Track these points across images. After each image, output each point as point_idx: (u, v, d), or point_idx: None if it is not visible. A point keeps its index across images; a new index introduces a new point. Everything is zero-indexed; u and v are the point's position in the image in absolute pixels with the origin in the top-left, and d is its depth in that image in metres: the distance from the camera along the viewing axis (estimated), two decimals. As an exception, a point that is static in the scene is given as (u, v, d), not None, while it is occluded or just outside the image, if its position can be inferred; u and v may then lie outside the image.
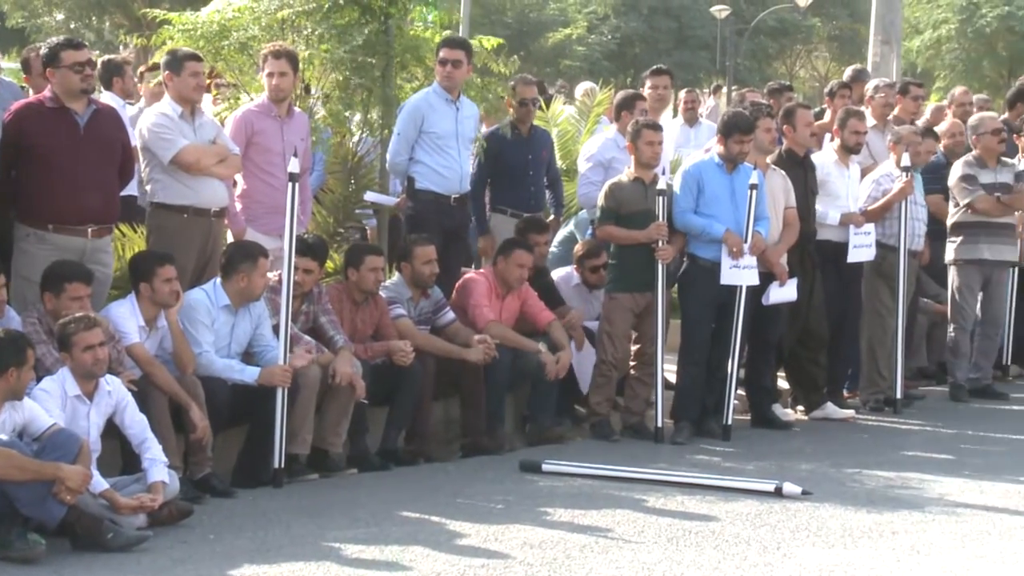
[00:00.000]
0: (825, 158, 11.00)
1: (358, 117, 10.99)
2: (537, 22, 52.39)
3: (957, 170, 11.57)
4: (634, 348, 10.05)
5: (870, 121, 11.63)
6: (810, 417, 10.72)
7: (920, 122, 12.74)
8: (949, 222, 11.65)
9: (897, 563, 7.08)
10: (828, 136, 11.65)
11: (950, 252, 11.64)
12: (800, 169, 10.61)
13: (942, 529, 7.69)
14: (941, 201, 11.78)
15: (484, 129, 11.07)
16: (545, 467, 8.79)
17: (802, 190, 10.49)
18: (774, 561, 7.06)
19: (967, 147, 12.30)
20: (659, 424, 9.85)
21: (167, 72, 8.89)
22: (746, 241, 9.80)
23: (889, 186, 10.98)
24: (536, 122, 11.45)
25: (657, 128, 10.08)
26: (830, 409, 10.71)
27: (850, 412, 10.82)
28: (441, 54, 10.11)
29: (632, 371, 10.07)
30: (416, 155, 10.12)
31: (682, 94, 14.74)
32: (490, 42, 11.12)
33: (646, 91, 11.46)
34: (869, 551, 7.28)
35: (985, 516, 7.98)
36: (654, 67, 11.94)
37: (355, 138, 11.09)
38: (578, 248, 10.72)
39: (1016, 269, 11.98)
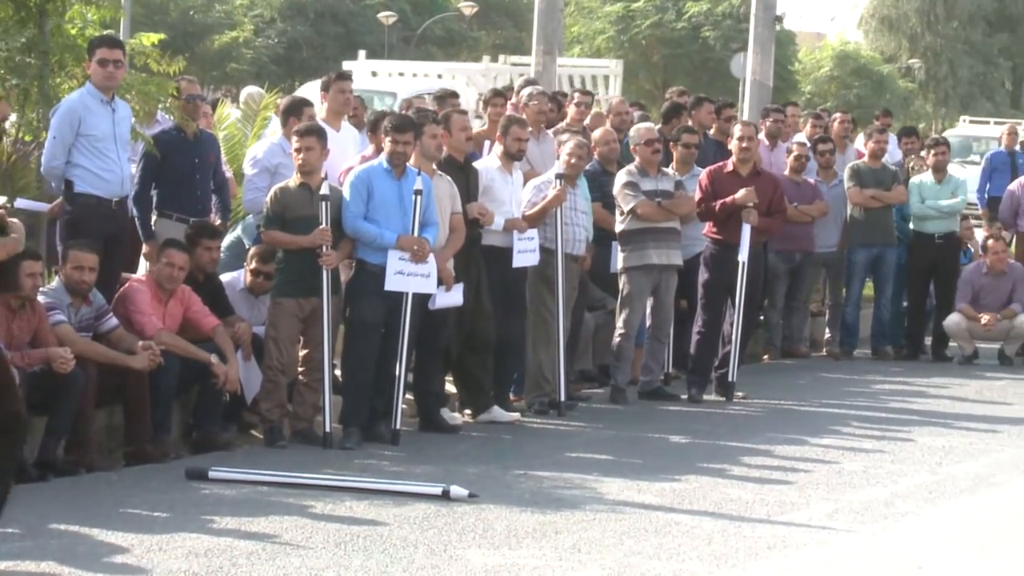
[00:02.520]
0: (489, 164, 11.18)
1: (14, 117, 10.61)
2: (202, 24, 51.58)
3: (621, 178, 11.92)
4: (302, 353, 10.01)
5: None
6: (477, 420, 10.86)
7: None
8: (617, 230, 11.97)
9: (560, 562, 7.25)
10: (488, 143, 11.86)
11: (620, 260, 11.96)
12: (461, 174, 10.76)
13: (603, 527, 7.91)
14: (600, 208, 12.10)
15: (146, 130, 10.83)
16: (212, 474, 8.66)
17: (464, 195, 10.63)
18: (441, 563, 7.14)
19: (621, 154, 12.70)
20: (327, 429, 9.83)
21: None
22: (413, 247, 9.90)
23: (548, 192, 11.23)
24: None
25: (310, 134, 10.00)
26: (496, 412, 10.88)
27: (516, 415, 11.01)
28: (100, 54, 9.80)
29: (300, 377, 10.02)
30: (74, 158, 9.80)
31: (349, 100, 14.74)
32: (150, 38, 10.88)
33: (331, 95, 11.36)
34: (533, 551, 7.43)
35: (643, 514, 8.24)
36: (339, 71, 11.87)
37: (11, 139, 10.69)
38: (253, 252, 10.59)
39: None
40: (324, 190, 9.81)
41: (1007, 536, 7.99)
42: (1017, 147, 19.28)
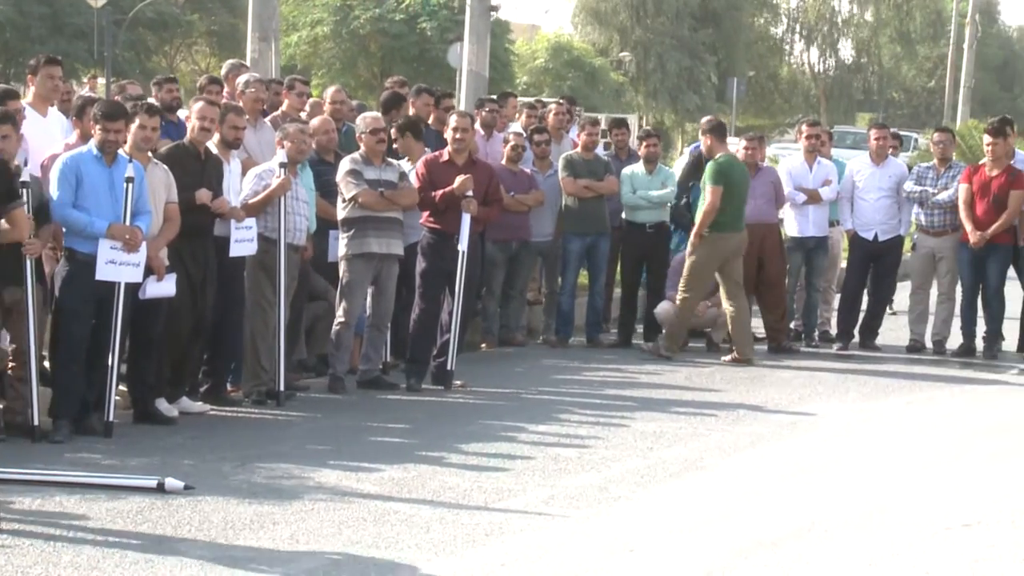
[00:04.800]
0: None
1: None
2: None
3: (345, 166, 11.90)
4: (12, 346, 9.69)
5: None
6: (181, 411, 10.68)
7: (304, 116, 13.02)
8: (339, 217, 11.94)
9: (277, 553, 7.20)
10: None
11: (341, 247, 11.93)
12: (197, 163, 10.60)
13: (321, 518, 7.89)
14: (319, 198, 12.04)
15: None
16: (-88, 472, 8.34)
17: (198, 182, 10.49)
18: (155, 557, 7.02)
19: (340, 144, 12.65)
20: (36, 422, 9.54)
21: None
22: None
23: (269, 181, 11.14)
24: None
25: (4, 121, 9.68)
26: (184, 403, 10.71)
27: (207, 407, 10.86)
28: None
29: (10, 370, 9.69)
30: None
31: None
32: None
33: (39, 80, 11.00)
34: (250, 542, 7.37)
35: (361, 503, 8.24)
36: (49, 55, 11.53)
37: None
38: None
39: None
40: (24, 177, 9.51)
41: (714, 517, 8.26)
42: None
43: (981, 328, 14.87)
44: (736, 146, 15.13)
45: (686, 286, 14.06)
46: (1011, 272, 14.79)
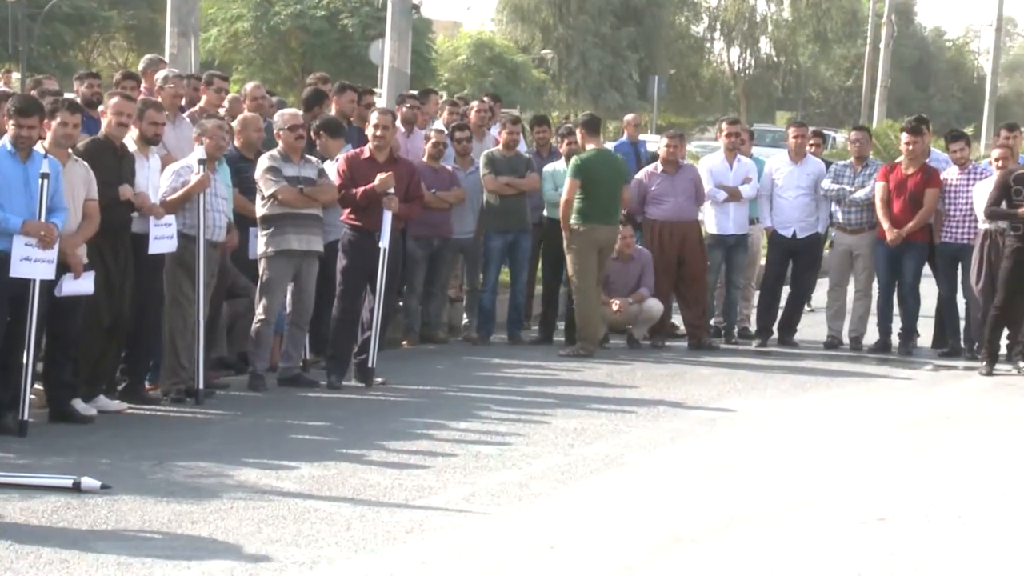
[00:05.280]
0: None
1: None
2: None
3: (263, 163, 11.85)
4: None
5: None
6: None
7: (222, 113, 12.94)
8: (258, 215, 11.88)
9: (195, 551, 7.16)
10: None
11: (261, 244, 11.87)
12: (115, 158, 10.51)
13: (240, 516, 7.84)
14: (238, 195, 11.98)
15: None
16: None
17: (116, 178, 10.39)
18: (71, 558, 6.95)
19: (265, 141, 12.59)
20: (-52, 422, 9.43)
21: None
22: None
23: (188, 177, 11.07)
24: None
25: None
26: (102, 401, 10.61)
27: (124, 405, 10.76)
28: None
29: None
30: None
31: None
32: None
33: None
34: (168, 541, 7.32)
35: (281, 501, 8.21)
36: None
37: None
38: None
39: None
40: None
41: (634, 513, 8.29)
42: (640, 137, 20.06)
43: (897, 325, 15.06)
44: (658, 144, 15.20)
45: (575, 281, 14.21)
46: (926, 269, 14.97)
